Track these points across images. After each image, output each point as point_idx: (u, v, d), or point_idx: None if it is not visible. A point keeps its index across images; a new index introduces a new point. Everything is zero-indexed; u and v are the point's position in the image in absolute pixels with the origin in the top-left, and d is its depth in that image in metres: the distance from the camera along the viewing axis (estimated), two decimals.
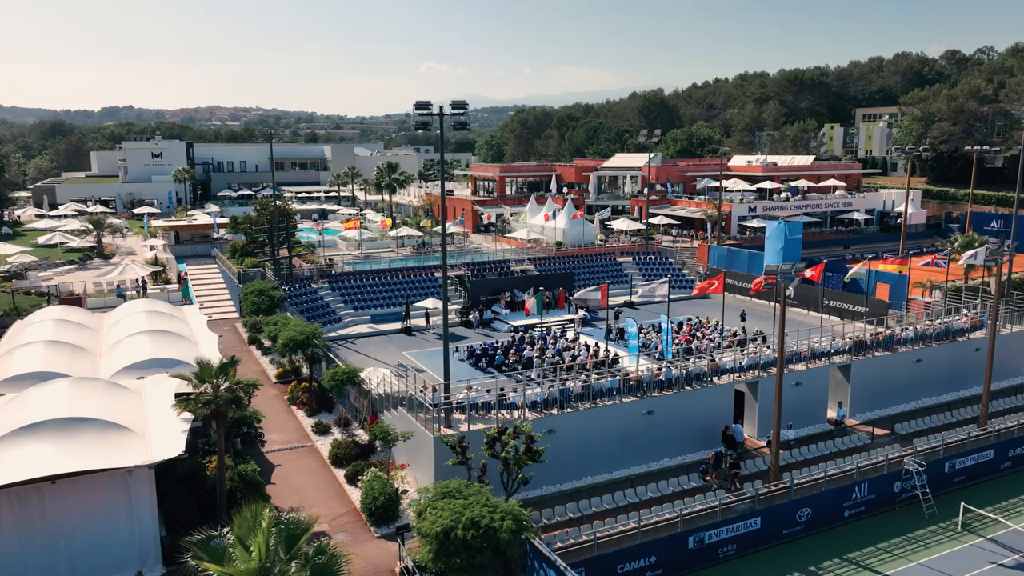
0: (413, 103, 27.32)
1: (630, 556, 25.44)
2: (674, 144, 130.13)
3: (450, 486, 23.04)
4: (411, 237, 72.04)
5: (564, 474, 29.22)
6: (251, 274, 55.39)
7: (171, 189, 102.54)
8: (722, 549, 27.31)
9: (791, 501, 28.54)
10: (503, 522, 21.10)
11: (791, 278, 28.77)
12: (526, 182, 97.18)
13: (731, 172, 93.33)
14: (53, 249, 66.48)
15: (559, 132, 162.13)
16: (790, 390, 34.08)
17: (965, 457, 32.95)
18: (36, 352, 33.83)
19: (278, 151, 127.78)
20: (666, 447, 31.37)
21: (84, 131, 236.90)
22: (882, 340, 37.57)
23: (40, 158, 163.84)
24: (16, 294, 50.18)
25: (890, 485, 30.85)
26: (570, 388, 29.81)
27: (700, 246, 72.77)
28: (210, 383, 23.94)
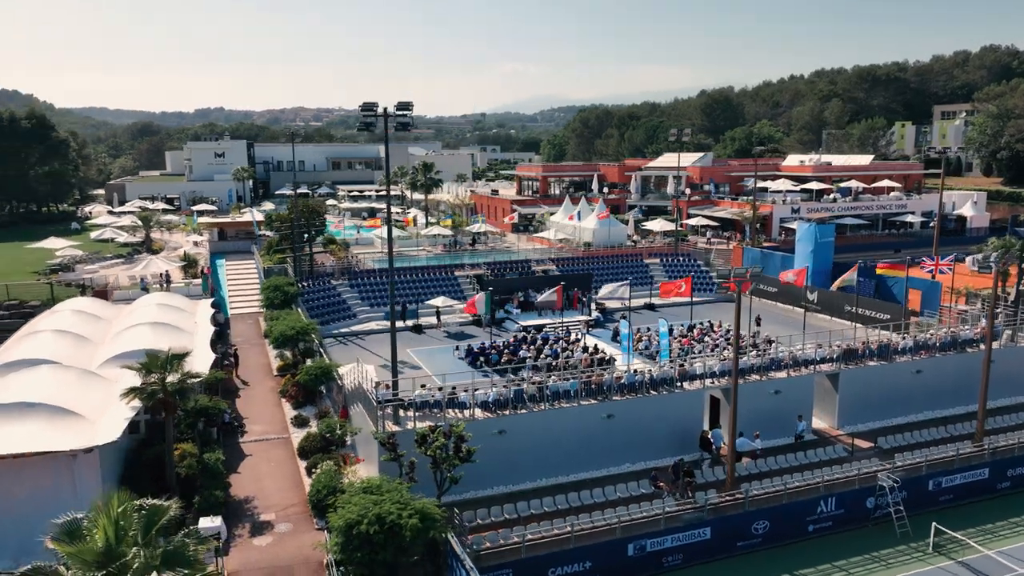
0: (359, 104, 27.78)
1: (562, 560, 25.28)
2: (732, 143, 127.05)
3: (372, 482, 23.47)
4: (441, 236, 72.88)
5: (517, 475, 29.16)
6: (276, 270, 57.24)
7: (231, 187, 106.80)
8: (667, 558, 26.83)
9: (746, 512, 27.75)
10: (409, 520, 21.33)
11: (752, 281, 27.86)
12: (572, 182, 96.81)
13: (779, 172, 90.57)
14: (106, 244, 70.36)
15: (619, 131, 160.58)
16: (768, 398, 33.14)
17: (954, 475, 31.29)
18: (42, 340, 35.97)
19: (334, 151, 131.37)
20: (629, 452, 30.89)
21: (171, 132, 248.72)
22: (876, 349, 35.86)
23: (124, 158, 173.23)
24: (57, 286, 53.34)
25: (862, 501, 29.62)
26: (525, 389, 29.70)
27: (735, 248, 71.02)
28: (156, 374, 25.00)
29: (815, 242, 58.80)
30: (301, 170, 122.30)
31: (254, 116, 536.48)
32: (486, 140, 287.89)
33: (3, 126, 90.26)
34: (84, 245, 68.61)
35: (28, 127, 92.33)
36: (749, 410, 32.71)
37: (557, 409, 30.02)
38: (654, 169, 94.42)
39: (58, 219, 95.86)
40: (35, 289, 52.37)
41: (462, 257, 66.55)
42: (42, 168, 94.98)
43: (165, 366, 25.47)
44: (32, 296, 51.08)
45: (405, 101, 27.79)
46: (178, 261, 56.58)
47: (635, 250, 68.42)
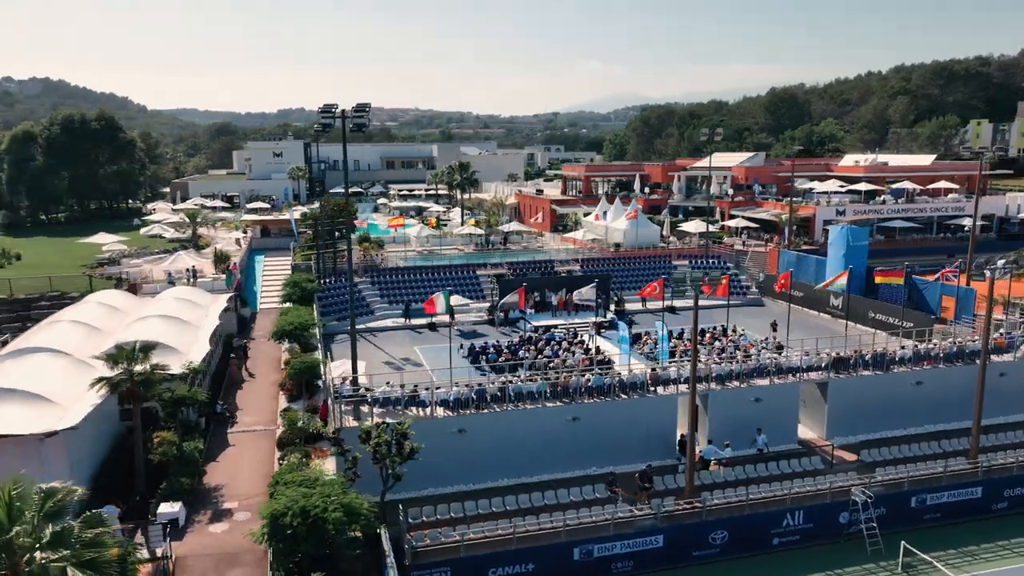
0: (319, 106, 28.41)
1: (503, 560, 25.37)
2: (792, 142, 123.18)
3: (310, 475, 24.06)
4: (473, 235, 73.47)
5: (477, 474, 29.34)
6: (302, 267, 58.94)
7: (286, 186, 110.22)
8: (616, 564, 26.58)
9: (703, 522, 27.21)
10: (332, 513, 21.80)
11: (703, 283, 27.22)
12: (619, 181, 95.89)
13: (830, 173, 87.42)
14: (155, 240, 73.78)
15: (679, 130, 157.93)
16: (748, 406, 32.32)
17: (940, 492, 29.86)
18: (58, 329, 38.11)
19: (388, 150, 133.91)
20: (597, 456, 30.63)
21: (247, 132, 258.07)
22: (871, 358, 34.38)
23: (199, 157, 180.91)
24: (97, 279, 56.39)
25: (835, 516, 28.59)
26: (487, 389, 29.82)
27: (771, 250, 69.01)
28: (123, 365, 26.27)
29: (847, 245, 56.76)
30: (356, 169, 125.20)
31: None
32: (554, 140, 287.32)
33: (75, 128, 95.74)
34: (133, 240, 72.12)
35: (98, 128, 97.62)
36: (727, 417, 32.14)
37: (520, 410, 30.05)
38: (699, 169, 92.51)
39: (124, 215, 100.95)
40: (76, 281, 55.42)
41: (490, 256, 66.89)
42: (111, 167, 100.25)
43: (131, 357, 26.72)
44: (72, 288, 54.06)
45: (363, 103, 28.34)
46: (210, 257, 58.85)
47: (664, 251, 67.32)
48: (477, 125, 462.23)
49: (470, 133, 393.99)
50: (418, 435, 28.68)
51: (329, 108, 27.89)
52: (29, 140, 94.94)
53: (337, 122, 29.79)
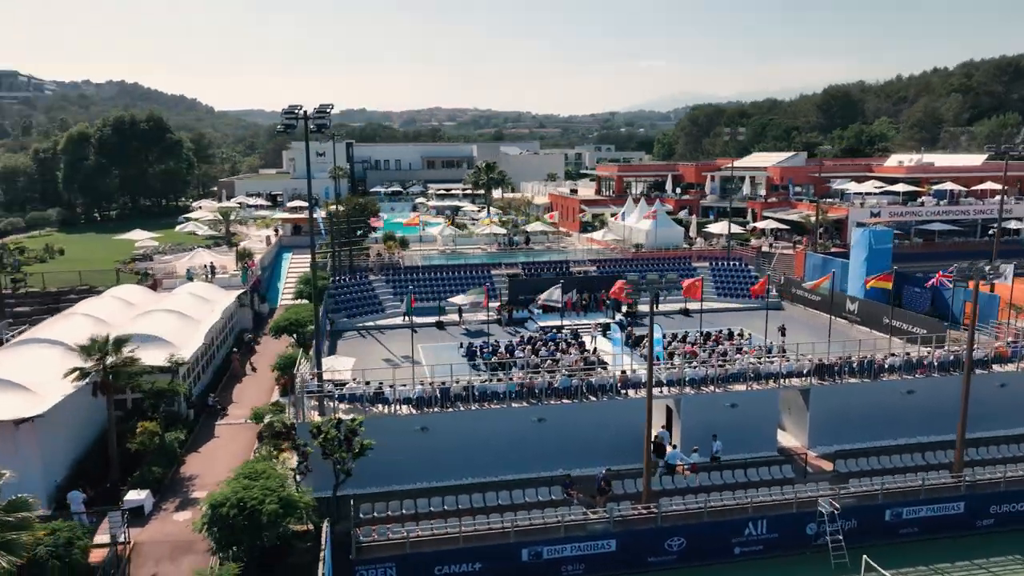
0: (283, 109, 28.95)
1: (449, 559, 25.53)
2: (840, 141, 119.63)
3: (257, 468, 24.66)
4: (496, 235, 73.75)
5: (440, 473, 29.47)
6: (321, 264, 60.14)
7: (327, 185, 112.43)
8: (567, 567, 26.47)
9: (658, 528, 26.84)
10: (268, 506, 22.33)
11: (659, 288, 26.82)
12: (655, 182, 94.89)
13: (870, 174, 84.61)
14: (189, 236, 76.36)
15: (728, 129, 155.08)
16: (724, 411, 31.66)
17: (918, 507, 28.70)
18: (70, 321, 40.00)
19: (429, 150, 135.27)
20: (563, 458, 30.28)
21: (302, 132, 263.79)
22: (858, 365, 33.23)
23: (253, 156, 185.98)
24: (124, 274, 58.72)
25: (801, 526, 27.84)
26: (451, 388, 29.98)
27: (797, 253, 67.29)
28: (93, 357, 27.41)
29: (869, 248, 54.98)
30: (398, 169, 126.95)
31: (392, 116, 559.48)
32: (607, 139, 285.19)
33: (125, 129, 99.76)
34: (168, 237, 74.77)
35: (146, 129, 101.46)
36: (702, 423, 31.59)
37: (485, 410, 30.10)
38: (735, 169, 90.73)
39: (172, 213, 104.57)
40: (105, 276, 57.77)
41: (507, 256, 67.08)
42: (159, 166, 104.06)
43: (103, 349, 27.85)
44: (101, 282, 56.35)
45: (325, 104, 28.82)
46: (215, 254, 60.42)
47: (685, 253, 66.36)
48: (533, 125, 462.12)
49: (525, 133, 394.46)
50: (381, 432, 29.17)
51: (293, 109, 28.50)
52: (84, 141, 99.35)
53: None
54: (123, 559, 24.75)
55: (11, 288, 55.57)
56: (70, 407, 28.91)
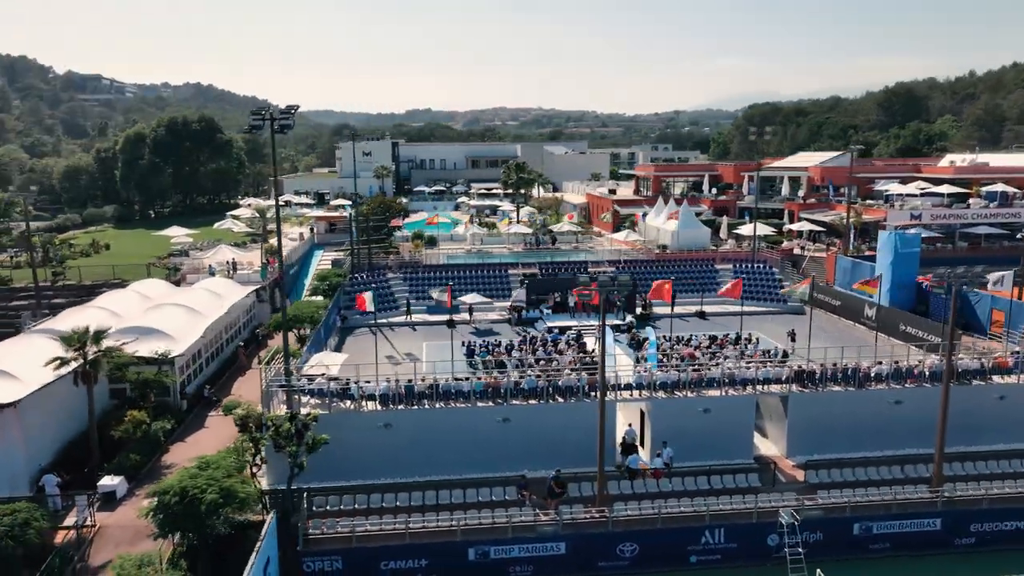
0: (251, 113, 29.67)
1: (395, 554, 25.86)
2: (896, 140, 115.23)
3: (211, 459, 25.44)
4: (520, 234, 73.85)
5: (403, 469, 29.75)
6: (341, 261, 61.45)
7: (371, 184, 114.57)
8: (515, 568, 26.51)
9: (610, 533, 26.60)
10: (208, 495, 23.05)
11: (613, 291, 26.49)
12: (694, 182, 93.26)
13: (917, 175, 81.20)
14: (225, 233, 78.94)
15: (783, 128, 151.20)
16: (697, 417, 31.02)
17: (891, 521, 27.62)
18: (84, 313, 41.99)
19: (474, 150, 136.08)
20: (528, 458, 30.13)
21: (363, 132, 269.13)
22: (842, 373, 32.07)
23: (312, 156, 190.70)
24: (157, 268, 61.20)
25: (762, 536, 27.14)
26: (415, 386, 30.27)
27: (828, 256, 65.24)
28: (73, 348, 28.76)
29: (895, 252, 53.10)
30: (443, 168, 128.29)
31: (457, 116, 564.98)
32: (667, 139, 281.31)
33: (178, 129, 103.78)
34: (206, 234, 77.45)
35: (198, 129, 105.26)
36: (673, 428, 31.09)
37: (449, 409, 30.27)
38: (774, 169, 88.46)
39: (221, 210, 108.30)
40: (138, 271, 60.31)
41: (531, 256, 67.11)
42: (210, 165, 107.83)
43: (82, 341, 29.18)
44: (133, 276, 58.89)
45: (291, 104, 29.44)
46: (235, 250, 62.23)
47: (708, 254, 65.07)
48: (595, 124, 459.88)
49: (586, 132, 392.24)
50: (346, 428, 29.78)
51: (259, 111, 29.25)
52: (139, 141, 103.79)
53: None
54: (85, 541, 25.94)
55: (51, 281, 58.61)
56: (57, 395, 30.37)
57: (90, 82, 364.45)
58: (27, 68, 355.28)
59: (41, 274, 60.04)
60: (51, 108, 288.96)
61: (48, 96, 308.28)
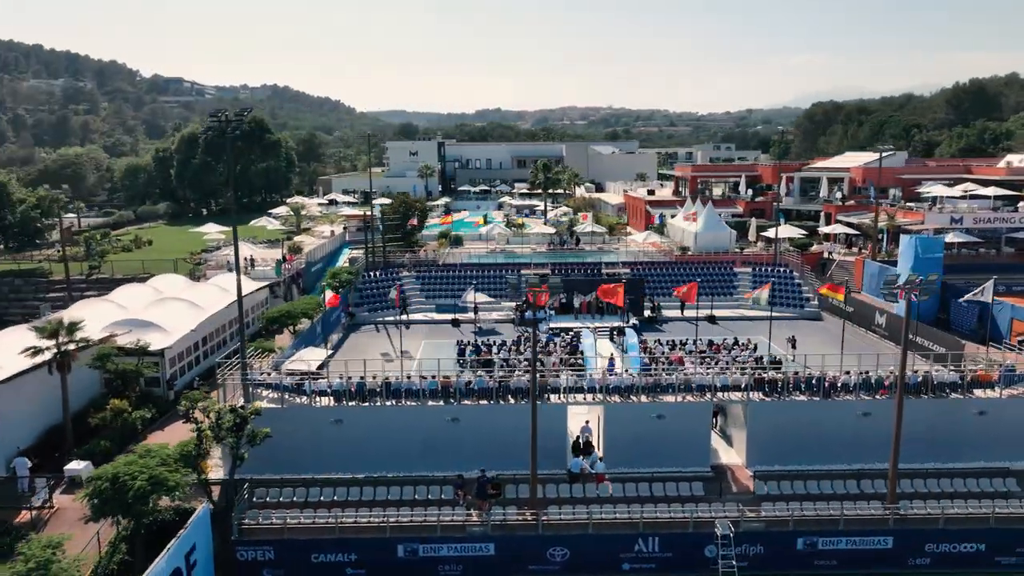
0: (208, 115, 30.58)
1: (325, 547, 26.39)
2: (958, 140, 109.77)
3: (153, 448, 26.48)
4: (544, 235, 73.72)
5: (353, 464, 30.16)
6: (357, 259, 62.71)
7: (416, 184, 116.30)
8: (444, 567, 26.68)
9: (540, 536, 26.48)
10: (137, 482, 24.03)
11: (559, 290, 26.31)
12: (735, 183, 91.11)
13: (967, 176, 77.20)
14: (260, 230, 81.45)
15: (844, 128, 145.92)
16: (650, 422, 30.48)
17: (837, 537, 26.57)
18: (93, 306, 44.38)
19: (519, 150, 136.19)
20: (478, 458, 29.97)
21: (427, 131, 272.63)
22: (805, 382, 30.92)
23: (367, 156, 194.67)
24: (185, 264, 63.72)
25: (699, 547, 26.52)
26: (367, 384, 30.71)
27: (856, 261, 62.85)
28: (43, 336, 30.38)
29: (915, 257, 50.87)
30: (488, 168, 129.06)
31: (526, 116, 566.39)
32: (732, 138, 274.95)
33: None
34: (243, 232, 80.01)
35: (248, 130, 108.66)
36: (625, 433, 30.65)
37: (399, 407, 30.59)
38: (817, 170, 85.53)
39: (270, 208, 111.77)
40: (167, 266, 62.90)
41: (552, 257, 66.91)
42: (260, 164, 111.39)
43: (55, 331, 30.77)
44: (161, 271, 61.44)
45: (245, 108, 30.31)
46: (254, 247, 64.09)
47: (727, 257, 63.50)
48: (664, 123, 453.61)
49: (653, 131, 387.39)
50: (298, 422, 30.52)
51: (216, 113, 30.24)
52: (193, 141, 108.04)
53: None
54: (41, 521, 27.41)
55: (85, 274, 61.79)
56: (37, 382, 32.09)
57: (172, 84, 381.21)
58: (116, 72, 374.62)
59: (80, 268, 63.50)
60: (135, 110, 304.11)
61: (133, 98, 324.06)
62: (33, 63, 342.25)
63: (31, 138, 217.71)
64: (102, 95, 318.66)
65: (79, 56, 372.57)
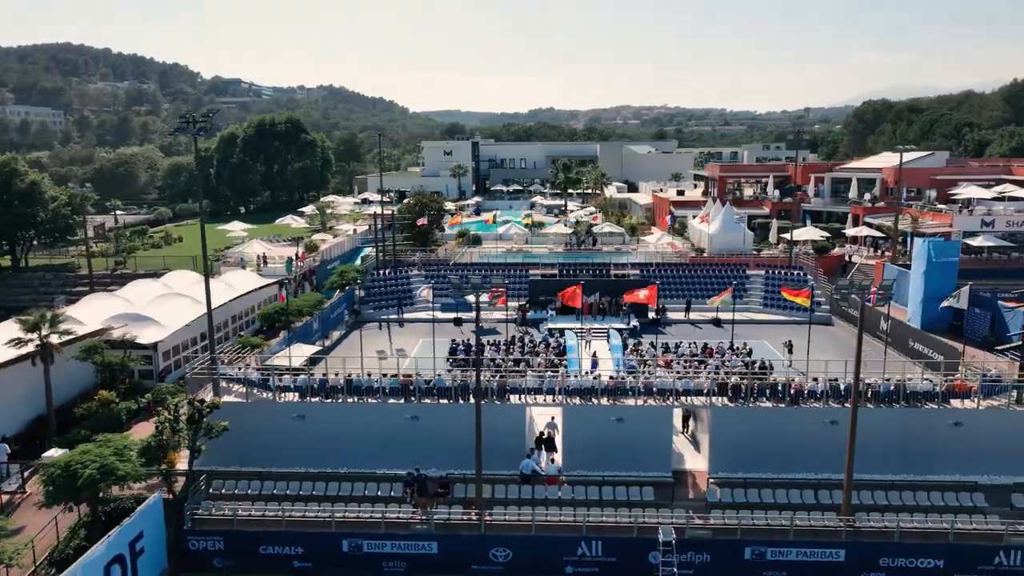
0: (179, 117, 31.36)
1: (272, 540, 26.96)
2: (1009, 139, 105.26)
3: (114, 438, 27.39)
4: (560, 235, 73.49)
5: (315, 459, 30.65)
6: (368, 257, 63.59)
7: (448, 183, 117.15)
8: (388, 563, 26.94)
9: (483, 536, 26.54)
10: (87, 470, 24.91)
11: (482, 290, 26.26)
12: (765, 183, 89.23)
13: (1008, 177, 74.03)
14: (284, 228, 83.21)
15: (892, 127, 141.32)
16: (609, 425, 30.19)
17: (787, 548, 25.95)
18: (101, 300, 46.26)
19: (554, 149, 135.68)
20: (437, 457, 30.22)
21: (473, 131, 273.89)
22: (769, 389, 30.14)
23: (411, 155, 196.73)
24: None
25: (643, 552, 26.23)
26: (329, 380, 31.16)
27: (877, 264, 60.92)
28: (25, 328, 31.74)
29: (928, 262, 49.10)
30: (523, 168, 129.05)
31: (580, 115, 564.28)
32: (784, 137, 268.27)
33: (266, 130, 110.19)
34: (271, 230, 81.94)
35: (283, 130, 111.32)
36: (585, 436, 30.42)
37: (360, 404, 30.96)
38: (849, 170, 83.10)
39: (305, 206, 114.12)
40: (186, 262, 64.79)
41: (565, 257, 66.78)
42: (296, 164, 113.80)
43: (37, 324, 32.10)
44: (179, 267, 63.39)
45: (211, 108, 31.03)
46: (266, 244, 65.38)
47: (741, 259, 62.24)
48: (718, 122, 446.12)
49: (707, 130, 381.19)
50: (263, 416, 31.18)
51: (184, 115, 31.10)
52: (232, 141, 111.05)
53: None
54: (12, 506, 28.67)
55: (110, 269, 64.17)
56: (26, 372, 33.54)
57: (231, 86, 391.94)
58: (179, 74, 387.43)
59: (107, 263, 66.01)
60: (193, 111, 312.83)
61: (192, 100, 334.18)
62: (101, 66, 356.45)
63: (94, 138, 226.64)
64: (164, 96, 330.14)
65: (144, 59, 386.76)
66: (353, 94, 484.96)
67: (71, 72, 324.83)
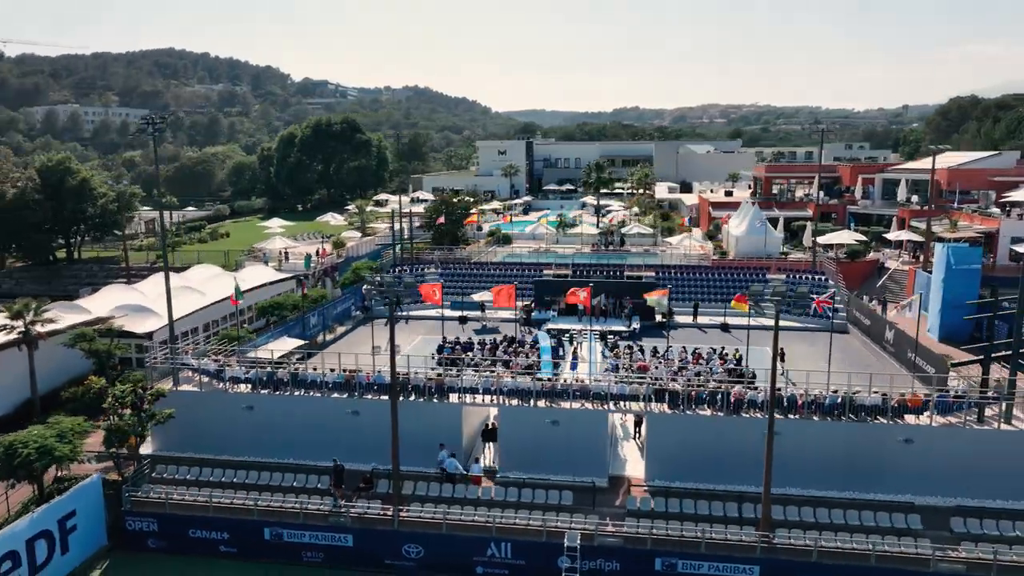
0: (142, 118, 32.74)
1: (201, 524, 28.07)
2: None
3: (64, 420, 29.08)
4: (588, 235, 72.83)
5: (262, 449, 31.69)
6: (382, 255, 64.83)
7: (500, 183, 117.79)
8: (306, 553, 27.57)
9: (395, 532, 26.86)
10: (26, 450, 26.59)
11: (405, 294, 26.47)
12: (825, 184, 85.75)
13: None
14: (324, 225, 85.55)
15: (978, 125, 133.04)
16: (544, 428, 29.96)
17: (699, 561, 25.21)
18: (117, 291, 49.01)
19: (609, 149, 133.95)
20: (376, 452, 30.60)
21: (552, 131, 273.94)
22: (708, 397, 29.14)
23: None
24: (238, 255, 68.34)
25: (552, 557, 25.93)
26: (277, 375, 32.07)
27: (909, 271, 57.81)
28: (12, 317, 34.02)
29: (947, 268, 46.41)
30: (577, 167, 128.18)
31: (665, 114, 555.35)
32: (873, 136, 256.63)
33: (322, 130, 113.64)
34: (311, 227, 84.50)
35: (339, 131, 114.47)
36: (521, 438, 30.31)
37: (304, 397, 31.76)
38: (900, 171, 78.81)
39: None
40: (218, 257, 67.66)
41: (587, 257, 66.26)
42: (351, 163, 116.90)
43: (21, 312, 34.35)
44: (213, 262, 66.27)
45: (165, 113, 32.27)
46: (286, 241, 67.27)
47: (762, 263, 60.13)
48: (808, 120, 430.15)
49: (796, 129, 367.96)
50: (215, 406, 32.46)
51: (146, 118, 32.57)
52: (291, 141, 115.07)
53: None
54: None
55: (150, 262, 67.78)
56: (15, 358, 35.92)
57: (319, 87, 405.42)
58: (270, 76, 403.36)
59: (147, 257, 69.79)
60: (281, 111, 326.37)
61: (280, 101, 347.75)
62: (199, 69, 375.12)
63: (185, 138, 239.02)
64: (255, 98, 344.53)
65: (239, 62, 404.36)
66: (437, 94, 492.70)
67: (171, 75, 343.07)
